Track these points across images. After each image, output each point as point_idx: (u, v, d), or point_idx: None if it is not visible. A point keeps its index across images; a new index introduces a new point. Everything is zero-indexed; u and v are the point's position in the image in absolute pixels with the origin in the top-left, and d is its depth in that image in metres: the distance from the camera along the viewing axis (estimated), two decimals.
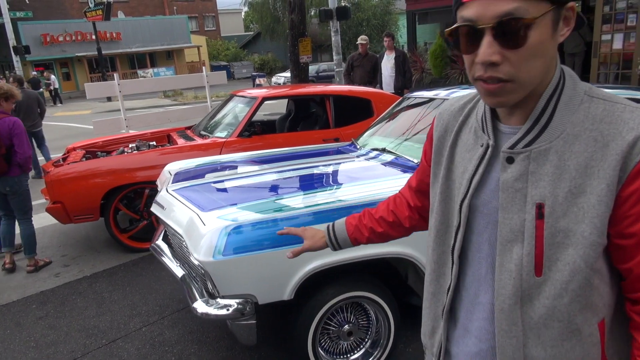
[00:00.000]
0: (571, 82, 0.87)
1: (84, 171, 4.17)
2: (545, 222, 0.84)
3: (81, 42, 30.72)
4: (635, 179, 0.79)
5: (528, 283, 0.87)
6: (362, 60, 7.69)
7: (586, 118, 0.83)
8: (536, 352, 0.89)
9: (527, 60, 0.80)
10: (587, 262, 0.83)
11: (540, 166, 0.85)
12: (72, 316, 3.35)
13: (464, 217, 0.96)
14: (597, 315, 0.87)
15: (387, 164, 3.00)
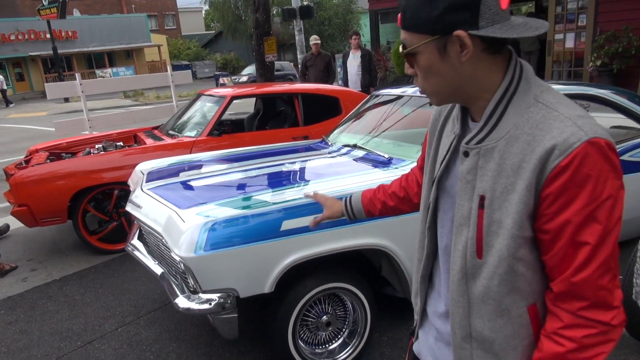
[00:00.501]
0: (525, 86, 0.94)
1: (50, 173, 4.08)
2: (484, 212, 0.94)
3: (35, 41, 29.58)
4: (551, 183, 0.86)
5: (471, 263, 0.98)
6: (315, 60, 7.82)
7: (527, 122, 0.91)
8: (478, 323, 1.00)
9: (426, 77, 0.97)
10: (509, 251, 0.92)
11: (486, 162, 0.94)
12: (43, 320, 3.29)
13: (434, 195, 1.09)
14: (525, 300, 0.96)
15: (359, 159, 3.09)
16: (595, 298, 0.88)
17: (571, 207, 0.85)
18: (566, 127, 0.86)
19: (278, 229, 2.21)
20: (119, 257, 4.24)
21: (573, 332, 0.89)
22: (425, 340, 1.20)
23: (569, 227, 0.86)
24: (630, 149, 3.29)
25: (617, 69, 8.25)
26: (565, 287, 0.89)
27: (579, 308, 0.89)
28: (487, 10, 0.88)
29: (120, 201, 4.29)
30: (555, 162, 0.85)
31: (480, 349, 1.01)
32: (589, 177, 0.84)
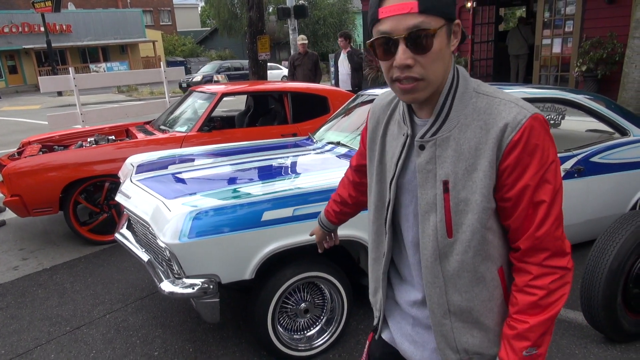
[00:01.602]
0: (463, 81, 1.08)
1: (43, 164, 4.18)
2: (450, 195, 1.06)
3: (29, 34, 29.46)
4: (508, 156, 1.01)
5: (443, 244, 1.09)
6: (302, 59, 7.95)
7: (474, 111, 1.05)
8: (454, 297, 1.12)
9: (433, 63, 1.01)
10: (481, 222, 1.06)
11: (444, 151, 1.06)
12: (33, 306, 3.40)
13: (393, 194, 1.17)
14: (495, 264, 1.11)
15: (341, 156, 3.23)
16: (554, 248, 1.04)
17: (527, 173, 1.01)
18: (511, 108, 1.02)
19: (259, 219, 2.34)
20: (109, 248, 4.34)
21: (541, 281, 1.04)
22: (399, 328, 1.29)
23: (527, 190, 1.01)
24: (602, 151, 3.45)
25: (602, 75, 8.45)
26: (531, 243, 1.04)
27: (543, 259, 1.04)
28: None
29: (111, 193, 4.39)
30: (510, 138, 1.00)
31: (459, 320, 1.13)
32: (537, 146, 1.00)
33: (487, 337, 1.14)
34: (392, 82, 1.05)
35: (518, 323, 1.06)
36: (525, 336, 1.05)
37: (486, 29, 11.05)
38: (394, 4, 0.98)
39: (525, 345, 1.05)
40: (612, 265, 2.46)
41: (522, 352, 1.05)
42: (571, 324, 2.86)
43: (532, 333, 1.04)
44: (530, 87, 3.72)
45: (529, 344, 1.05)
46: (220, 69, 23.27)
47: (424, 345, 1.23)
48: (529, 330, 1.04)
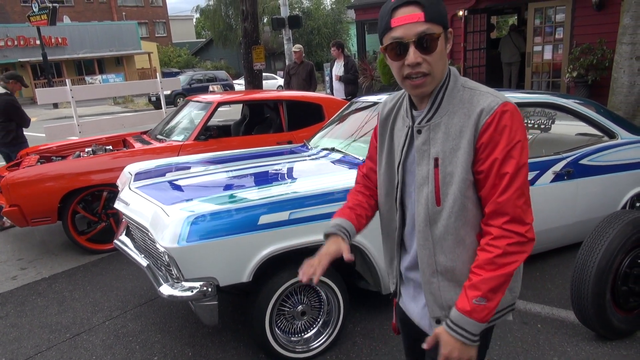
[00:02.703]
0: (454, 78, 1.31)
1: (41, 174, 4.23)
2: (439, 170, 1.27)
3: (24, 48, 29.56)
4: (482, 136, 1.23)
5: (433, 211, 1.30)
6: (297, 68, 8.03)
7: (460, 101, 1.28)
8: (441, 258, 1.32)
9: (437, 61, 1.25)
10: (461, 192, 1.26)
11: (436, 134, 1.29)
12: (33, 315, 3.43)
13: (400, 176, 1.39)
14: (474, 230, 1.30)
15: (336, 161, 3.30)
16: (514, 214, 1.22)
17: (497, 149, 1.22)
18: (487, 98, 1.25)
19: (256, 222, 2.39)
20: (107, 257, 4.38)
21: (499, 242, 1.22)
22: (406, 292, 1.50)
23: (496, 163, 1.22)
24: (591, 154, 3.53)
25: (592, 80, 8.58)
26: (494, 207, 1.23)
27: (503, 222, 1.23)
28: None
29: (109, 202, 4.44)
30: (484, 120, 1.23)
31: (445, 279, 1.32)
32: (505, 127, 1.22)
33: None
34: (403, 80, 1.27)
35: (474, 275, 1.24)
36: (477, 287, 1.22)
37: (478, 37, 11.20)
38: (405, 15, 1.21)
39: (475, 295, 1.22)
40: (601, 264, 2.52)
41: (472, 300, 1.22)
42: (563, 323, 2.92)
43: (484, 285, 1.22)
44: (521, 92, 3.81)
45: (479, 294, 1.22)
46: (192, 81, 22.10)
47: (418, 301, 1.44)
48: (481, 282, 1.22)
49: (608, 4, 8.68)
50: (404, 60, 1.23)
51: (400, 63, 1.25)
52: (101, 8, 39.51)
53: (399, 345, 2.81)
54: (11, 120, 5.57)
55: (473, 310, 1.22)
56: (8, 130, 5.55)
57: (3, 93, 5.54)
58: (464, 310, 1.23)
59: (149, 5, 43.58)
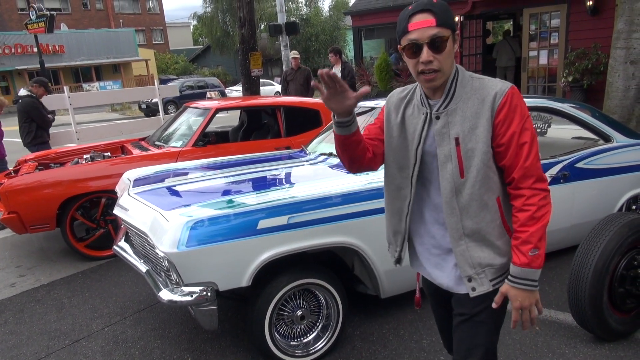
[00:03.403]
0: (462, 72, 1.54)
1: (39, 181, 4.23)
2: (460, 147, 1.49)
3: (22, 55, 29.59)
4: (499, 114, 1.46)
5: (457, 183, 1.51)
6: (295, 75, 8.07)
7: (471, 89, 1.51)
8: (467, 222, 1.53)
9: (446, 59, 1.46)
10: (483, 162, 1.48)
11: (453, 117, 1.51)
12: (32, 321, 3.43)
13: (419, 157, 1.58)
14: (495, 194, 1.53)
15: (334, 166, 3.32)
16: (537, 175, 1.47)
17: (513, 124, 1.45)
18: (497, 83, 1.50)
19: (255, 227, 2.41)
20: (106, 263, 4.38)
21: (533, 200, 1.46)
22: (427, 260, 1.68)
23: (515, 136, 1.45)
24: (587, 157, 3.56)
25: (587, 85, 8.64)
26: (522, 172, 1.46)
27: (532, 183, 1.46)
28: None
29: (108, 209, 4.45)
30: (499, 101, 1.46)
31: (472, 240, 1.53)
32: (517, 105, 1.46)
33: (493, 251, 1.54)
34: (417, 75, 1.49)
35: (521, 233, 1.46)
36: (529, 240, 1.45)
37: (474, 42, 11.28)
38: (420, 20, 1.43)
39: (529, 247, 1.45)
40: (597, 266, 2.54)
41: (528, 252, 1.45)
42: (561, 325, 2.93)
43: (533, 237, 1.44)
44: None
45: (531, 246, 1.44)
46: (183, 88, 21.64)
47: (446, 266, 1.62)
48: (531, 236, 1.44)
49: (602, 9, 8.76)
50: (418, 58, 1.45)
51: (415, 61, 1.46)
52: (98, 15, 39.60)
53: (399, 349, 2.82)
54: (32, 121, 5.90)
55: (531, 261, 1.44)
56: (29, 130, 5.90)
57: (26, 95, 5.91)
58: (524, 263, 1.45)
59: (146, 13, 43.71)
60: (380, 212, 2.70)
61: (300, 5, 32.83)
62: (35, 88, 5.99)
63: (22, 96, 5.94)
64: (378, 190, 2.76)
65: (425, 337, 2.92)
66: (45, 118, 6.02)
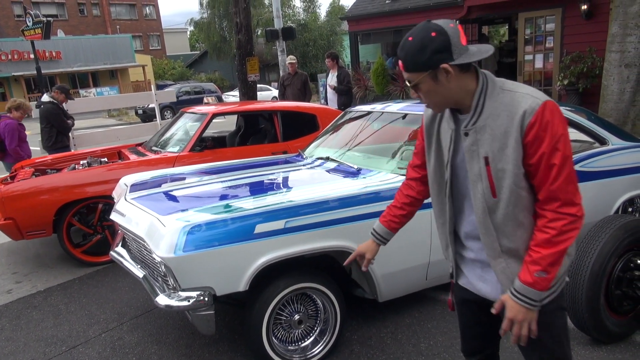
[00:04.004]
0: (492, 84, 1.47)
1: (36, 187, 4.22)
2: (490, 167, 1.44)
3: (18, 62, 29.58)
4: (528, 134, 1.38)
5: (490, 202, 1.47)
6: (292, 79, 8.08)
7: (501, 104, 1.43)
8: (504, 241, 1.49)
9: (428, 97, 1.48)
10: (516, 184, 1.42)
11: (482, 135, 1.45)
12: (28, 328, 3.41)
13: (449, 173, 1.57)
14: (530, 212, 1.47)
15: (331, 170, 3.32)
16: (565, 198, 1.39)
17: (543, 144, 1.37)
18: (528, 99, 1.39)
19: (252, 231, 2.41)
20: (103, 269, 4.37)
21: (554, 224, 1.40)
22: (472, 272, 1.66)
23: (544, 156, 1.38)
24: (583, 160, 3.57)
25: (583, 88, 8.68)
26: (547, 194, 1.40)
27: (556, 206, 1.39)
28: (456, 48, 1.39)
29: (105, 214, 4.44)
30: (528, 120, 1.37)
31: (510, 257, 1.50)
32: (548, 123, 1.36)
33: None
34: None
35: (534, 252, 1.43)
36: (538, 262, 1.41)
37: None
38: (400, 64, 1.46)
39: (536, 269, 1.41)
40: (594, 268, 2.55)
41: (533, 273, 1.41)
42: None
43: (543, 261, 1.40)
44: None
45: (539, 268, 1.41)
46: (179, 93, 21.60)
47: (489, 278, 1.60)
48: (541, 259, 1.41)
49: (597, 13, 8.82)
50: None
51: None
52: (95, 22, 39.67)
53: (397, 353, 2.81)
54: (53, 127, 6.13)
55: (535, 282, 1.41)
56: (49, 135, 6.14)
57: (47, 101, 6.13)
58: (527, 282, 1.42)
59: (143, 19, 43.79)
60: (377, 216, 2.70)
61: (297, 10, 32.94)
62: (57, 94, 6.21)
63: (44, 102, 6.16)
64: (375, 194, 2.77)
65: (423, 341, 2.92)
66: (64, 124, 6.22)
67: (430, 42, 1.38)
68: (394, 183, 2.89)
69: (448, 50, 1.39)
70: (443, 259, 2.99)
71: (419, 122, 3.46)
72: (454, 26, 1.41)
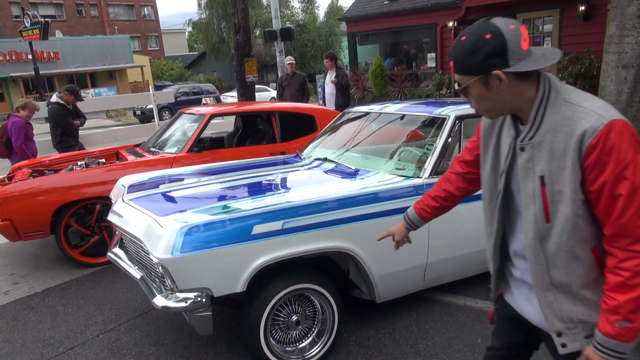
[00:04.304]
0: (555, 93, 1.29)
1: (33, 188, 4.22)
2: (546, 188, 1.28)
3: (16, 62, 29.54)
4: (588, 157, 1.21)
5: (542, 228, 1.31)
6: (290, 80, 8.09)
7: (562, 118, 1.26)
8: (555, 273, 1.33)
9: (478, 102, 1.35)
10: (573, 211, 1.26)
11: (539, 152, 1.29)
12: (26, 329, 3.40)
13: (503, 184, 1.43)
14: (588, 245, 1.29)
15: (329, 171, 3.32)
16: (636, 235, 1.21)
17: (606, 170, 1.20)
18: (591, 117, 1.22)
19: (249, 232, 2.40)
20: (101, 270, 4.36)
21: (627, 264, 1.21)
22: (519, 292, 1.52)
23: (607, 185, 1.20)
24: None
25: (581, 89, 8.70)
26: (614, 230, 1.22)
27: (627, 244, 1.21)
28: (513, 54, 1.24)
29: (102, 215, 4.43)
30: (588, 142, 1.20)
31: (561, 292, 1.33)
32: (613, 147, 1.19)
33: (589, 307, 1.32)
34: None
35: (609, 299, 1.24)
36: (616, 311, 1.23)
37: None
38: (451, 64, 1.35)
39: (616, 319, 1.23)
40: None
41: (614, 324, 1.23)
42: None
43: (622, 309, 1.22)
44: None
45: (619, 318, 1.22)
46: (178, 94, 21.45)
47: (534, 302, 1.45)
48: (619, 307, 1.22)
49: (594, 14, 8.84)
50: None
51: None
52: (93, 22, 39.63)
53: (395, 354, 2.81)
54: (58, 126, 6.27)
55: (618, 334, 1.23)
56: (55, 134, 6.31)
57: (54, 102, 6.25)
58: (609, 334, 1.24)
59: (141, 19, 43.76)
60: (375, 217, 2.72)
61: (295, 11, 32.96)
62: (66, 95, 6.27)
63: (52, 102, 6.29)
64: (373, 195, 2.77)
65: (420, 342, 2.92)
66: (69, 124, 6.32)
67: (483, 44, 1.25)
68: (391, 184, 2.89)
69: (503, 56, 1.24)
70: (440, 260, 3.01)
71: (416, 123, 3.47)
72: (515, 27, 1.26)
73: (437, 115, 3.25)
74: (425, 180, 2.93)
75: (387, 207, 2.76)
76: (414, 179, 2.94)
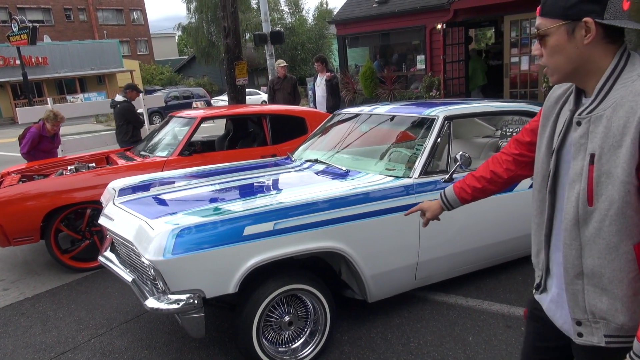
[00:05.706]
0: (631, 67, 1.17)
1: (23, 193, 4.19)
2: (594, 167, 1.16)
3: (4, 68, 29.25)
4: None
5: (583, 211, 1.19)
6: (282, 83, 8.11)
7: (630, 93, 1.13)
8: (589, 261, 1.21)
9: (551, 55, 1.22)
10: (620, 195, 1.13)
11: (596, 127, 1.17)
12: (16, 335, 3.38)
13: (554, 164, 1.31)
14: (631, 238, 1.15)
15: (319, 172, 3.34)
16: None
17: None
18: None
19: (241, 234, 2.41)
20: (92, 275, 4.34)
21: None
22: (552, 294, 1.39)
23: None
24: None
25: None
26: None
27: None
28: (612, 6, 1.14)
29: (93, 220, 4.41)
30: None
31: (591, 284, 1.22)
32: None
33: (615, 306, 1.19)
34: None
35: None
36: None
37: (457, 49, 11.43)
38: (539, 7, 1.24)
39: None
40: None
41: None
42: None
43: None
44: (497, 101, 3.91)
45: None
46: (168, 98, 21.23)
47: (562, 304, 1.33)
48: None
49: None
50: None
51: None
52: (82, 27, 39.39)
53: (387, 353, 2.83)
54: (129, 123, 6.60)
55: None
56: (126, 131, 6.58)
57: (122, 100, 6.60)
58: None
59: (130, 24, 43.58)
60: (366, 217, 2.74)
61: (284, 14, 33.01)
62: (130, 93, 6.64)
63: (119, 101, 6.63)
64: (364, 195, 2.79)
65: (412, 340, 2.94)
66: (139, 119, 6.80)
67: None
68: (382, 184, 2.92)
69: (601, 4, 1.13)
70: (431, 259, 3.03)
71: (406, 124, 3.50)
72: None
73: (426, 116, 3.28)
74: (415, 180, 2.95)
75: (377, 207, 2.78)
76: (403, 179, 2.97)
